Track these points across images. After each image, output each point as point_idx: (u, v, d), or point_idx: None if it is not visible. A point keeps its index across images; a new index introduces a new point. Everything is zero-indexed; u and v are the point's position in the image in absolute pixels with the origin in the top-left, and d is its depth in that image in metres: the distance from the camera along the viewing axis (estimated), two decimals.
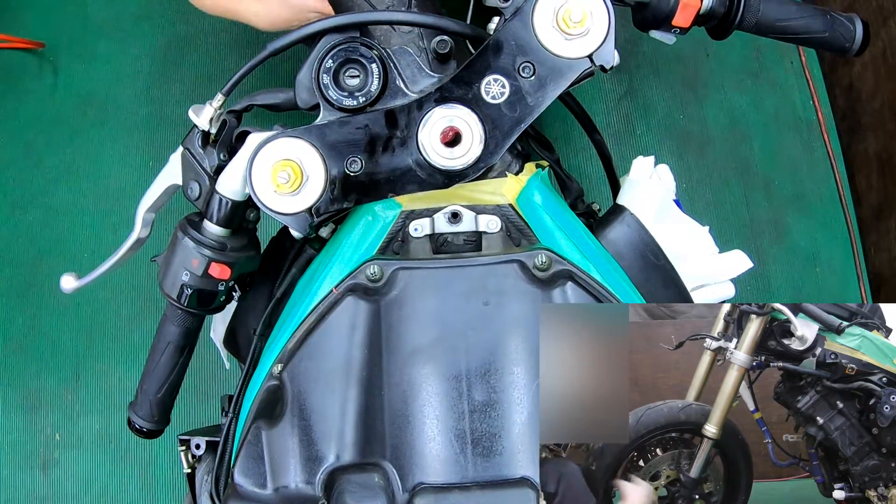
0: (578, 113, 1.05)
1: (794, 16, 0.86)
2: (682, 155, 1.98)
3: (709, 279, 0.92)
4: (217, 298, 0.84)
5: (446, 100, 0.74)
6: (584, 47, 0.73)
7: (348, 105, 0.75)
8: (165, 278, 0.82)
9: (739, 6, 0.84)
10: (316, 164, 0.74)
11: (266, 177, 0.74)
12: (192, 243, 0.80)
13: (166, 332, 0.86)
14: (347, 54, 0.75)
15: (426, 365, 0.72)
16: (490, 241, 0.80)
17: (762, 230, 1.94)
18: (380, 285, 0.74)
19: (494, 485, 0.69)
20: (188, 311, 0.84)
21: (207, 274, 0.81)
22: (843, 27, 0.88)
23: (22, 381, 1.85)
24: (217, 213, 0.80)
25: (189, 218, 0.83)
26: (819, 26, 0.87)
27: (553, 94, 0.74)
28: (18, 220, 1.93)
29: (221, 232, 0.81)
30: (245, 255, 0.83)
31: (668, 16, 0.83)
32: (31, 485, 1.80)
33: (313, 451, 0.73)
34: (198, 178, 0.81)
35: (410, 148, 0.75)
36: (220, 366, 1.83)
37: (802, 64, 2.05)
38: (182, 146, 0.83)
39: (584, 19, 0.72)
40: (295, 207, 0.75)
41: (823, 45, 0.89)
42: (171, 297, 0.82)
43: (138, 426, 0.89)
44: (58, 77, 2.02)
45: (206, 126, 0.80)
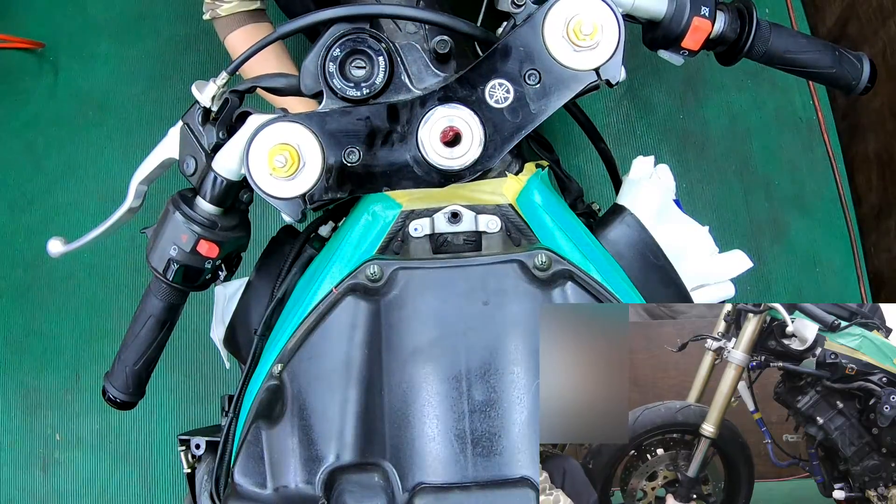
0: (583, 122, 1.05)
1: (803, 49, 0.86)
2: (682, 155, 1.98)
3: (709, 279, 0.92)
4: (203, 276, 0.83)
5: (450, 99, 0.74)
6: (592, 60, 0.73)
7: (352, 95, 0.75)
8: (153, 251, 0.82)
9: (750, 34, 0.84)
10: (314, 151, 0.74)
11: (263, 159, 0.73)
12: (182, 218, 0.80)
13: (149, 305, 0.85)
14: (355, 45, 0.75)
15: (426, 365, 0.72)
16: (490, 240, 0.80)
17: (762, 230, 1.94)
18: (380, 285, 0.74)
19: (494, 484, 0.69)
20: (172, 286, 0.83)
21: (196, 251, 0.80)
22: (850, 65, 0.88)
23: (22, 381, 1.85)
24: (211, 190, 0.80)
25: (182, 193, 0.83)
26: (827, 62, 0.87)
27: (556, 104, 0.74)
28: (18, 220, 1.93)
29: (213, 210, 0.81)
30: (235, 235, 0.83)
31: (678, 37, 0.82)
32: (31, 485, 1.80)
33: (313, 450, 0.73)
34: (195, 155, 0.81)
35: (409, 144, 0.75)
36: (220, 366, 1.83)
37: None
38: (181, 121, 0.82)
39: (595, 32, 0.72)
40: (289, 192, 0.74)
41: (829, 81, 0.89)
42: (156, 270, 0.82)
43: (112, 396, 0.88)
44: (58, 77, 2.02)
45: (208, 103, 0.79)
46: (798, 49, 0.86)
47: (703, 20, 0.81)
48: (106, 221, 0.86)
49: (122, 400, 0.88)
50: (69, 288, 1.88)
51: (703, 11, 0.81)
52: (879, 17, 1.84)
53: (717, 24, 0.83)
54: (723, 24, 0.83)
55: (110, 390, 0.88)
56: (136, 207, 0.87)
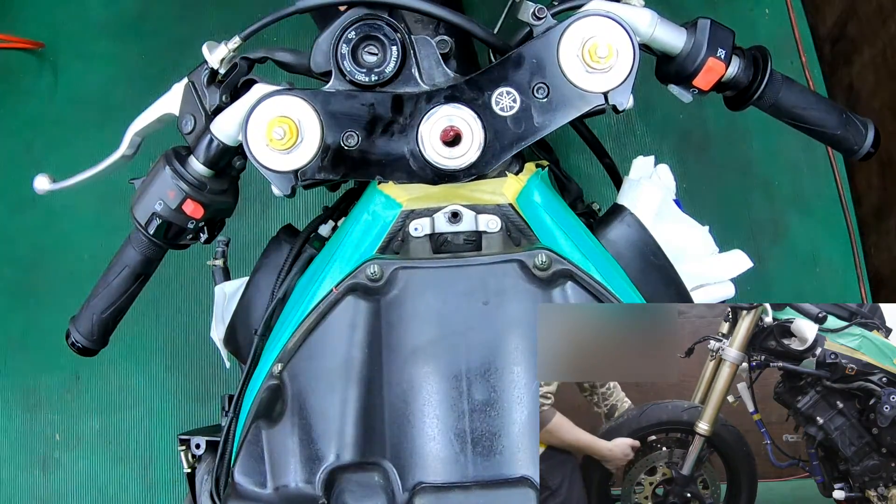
0: (588, 138, 1.05)
1: (811, 106, 0.86)
2: (682, 155, 1.98)
3: (709, 279, 0.92)
4: (184, 235, 0.83)
5: (456, 99, 0.74)
6: (602, 83, 0.73)
7: (360, 80, 0.75)
8: (138, 203, 0.82)
9: (762, 83, 0.83)
10: (313, 128, 0.74)
11: (262, 129, 0.73)
12: (172, 174, 0.80)
13: (126, 256, 0.85)
14: (371, 30, 0.75)
15: (426, 364, 0.72)
16: (490, 240, 0.80)
17: (762, 230, 1.94)
18: (380, 285, 0.74)
19: (494, 484, 0.69)
20: (152, 240, 0.83)
21: (181, 209, 0.80)
22: (855, 129, 0.87)
23: (22, 381, 1.85)
24: (205, 152, 0.80)
25: (176, 150, 0.83)
26: (832, 123, 0.87)
27: (560, 121, 0.75)
28: (18, 221, 1.93)
29: (205, 171, 0.81)
30: (222, 199, 0.83)
31: (691, 75, 0.82)
32: (31, 485, 1.80)
33: (313, 450, 0.73)
34: (194, 114, 0.81)
35: (409, 137, 0.75)
36: (221, 366, 1.83)
37: (802, 64, 2.05)
38: (187, 78, 0.82)
39: (610, 56, 0.72)
40: (282, 166, 0.74)
41: (832, 142, 0.89)
42: (139, 222, 0.82)
43: (75, 340, 0.88)
44: (58, 77, 2.02)
45: (217, 65, 0.79)
46: (806, 105, 0.86)
47: (718, 62, 0.81)
48: (97, 165, 0.86)
49: (83, 346, 0.88)
50: (69, 288, 1.88)
51: (720, 53, 0.80)
52: (879, 17, 1.84)
53: (731, 68, 0.82)
54: (737, 69, 0.83)
55: (74, 334, 0.88)
56: (128, 156, 0.86)
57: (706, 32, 0.80)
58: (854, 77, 1.96)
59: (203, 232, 0.85)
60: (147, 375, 1.87)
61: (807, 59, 2.05)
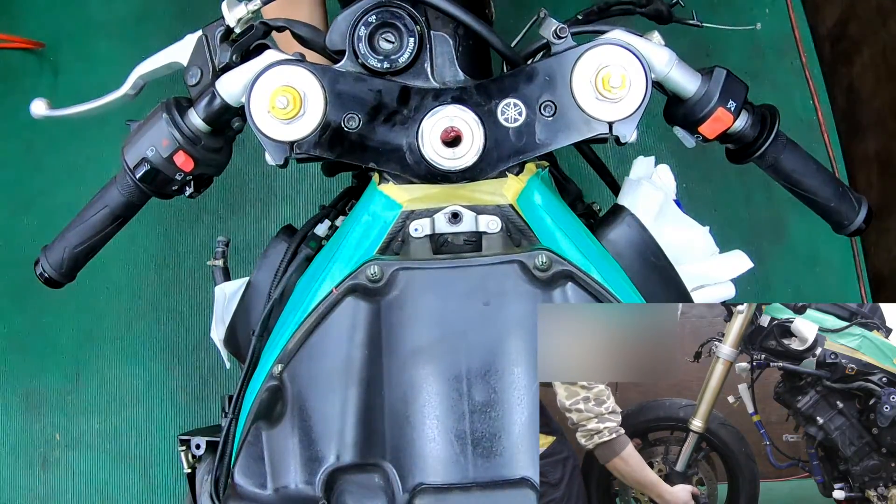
0: (592, 159, 1.05)
1: (810, 173, 0.86)
2: (682, 155, 1.98)
3: (709, 279, 0.92)
4: (169, 186, 0.83)
5: (463, 101, 0.74)
6: (610, 113, 0.74)
7: (372, 65, 0.75)
8: (130, 145, 0.82)
9: (766, 141, 0.83)
10: (317, 104, 0.74)
11: (266, 95, 0.74)
12: (169, 123, 0.80)
13: (108, 195, 0.85)
14: (392, 18, 0.76)
15: (426, 365, 0.72)
16: (490, 241, 0.80)
17: (762, 230, 1.94)
18: (380, 286, 0.74)
19: (495, 485, 0.69)
20: (137, 185, 0.82)
21: (171, 159, 0.80)
22: (848, 205, 0.88)
23: (22, 381, 1.85)
24: (206, 107, 0.80)
25: (177, 100, 0.82)
26: (827, 194, 0.87)
27: (562, 142, 0.75)
28: (19, 221, 1.93)
29: (202, 126, 0.81)
30: (214, 157, 0.83)
31: (698, 121, 0.82)
32: (31, 485, 1.80)
33: (313, 451, 0.73)
34: (202, 67, 0.81)
35: (410, 130, 0.75)
36: (221, 366, 1.83)
37: (802, 64, 2.05)
38: (202, 31, 0.82)
39: (622, 87, 0.72)
40: (280, 135, 0.74)
41: (824, 213, 0.89)
42: (127, 165, 0.82)
43: (43, 270, 0.88)
44: (58, 77, 2.02)
45: (233, 23, 0.79)
46: (805, 172, 0.86)
47: (727, 113, 0.81)
48: (97, 100, 0.86)
49: (50, 276, 0.88)
50: (69, 288, 1.87)
51: (730, 105, 0.80)
52: (879, 17, 1.84)
53: (738, 121, 0.82)
54: (744, 123, 0.83)
55: (43, 264, 0.87)
56: (130, 95, 0.86)
57: (720, 82, 0.80)
58: (854, 77, 1.96)
59: (189, 186, 0.84)
60: (147, 375, 1.87)
61: (807, 58, 2.05)
